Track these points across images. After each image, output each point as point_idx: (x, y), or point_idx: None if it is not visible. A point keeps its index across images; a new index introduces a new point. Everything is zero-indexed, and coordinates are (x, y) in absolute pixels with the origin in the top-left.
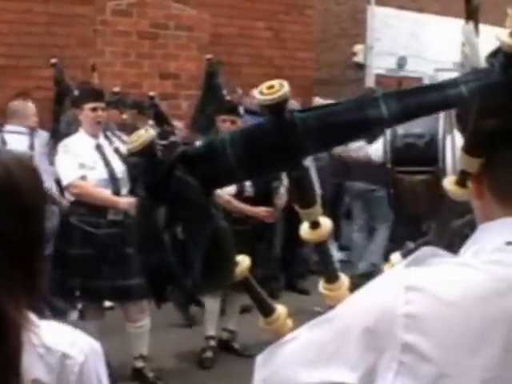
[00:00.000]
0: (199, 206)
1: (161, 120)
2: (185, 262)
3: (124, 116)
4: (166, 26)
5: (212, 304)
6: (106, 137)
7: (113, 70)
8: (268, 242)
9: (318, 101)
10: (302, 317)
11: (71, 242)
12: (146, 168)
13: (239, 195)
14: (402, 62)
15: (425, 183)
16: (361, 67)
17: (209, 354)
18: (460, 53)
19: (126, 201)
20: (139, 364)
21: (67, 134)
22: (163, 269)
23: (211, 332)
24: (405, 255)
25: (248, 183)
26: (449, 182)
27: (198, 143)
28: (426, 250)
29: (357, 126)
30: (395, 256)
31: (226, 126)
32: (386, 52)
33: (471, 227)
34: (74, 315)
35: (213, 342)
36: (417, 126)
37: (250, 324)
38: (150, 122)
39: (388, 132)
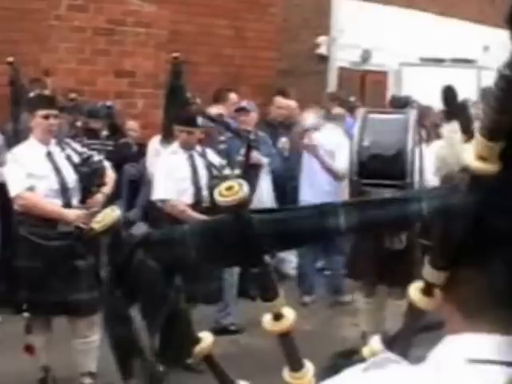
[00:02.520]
0: (157, 290)
1: (115, 130)
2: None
3: (78, 123)
4: (123, 23)
5: None
6: (59, 143)
7: (67, 67)
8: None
9: (279, 101)
10: (258, 328)
11: (19, 254)
12: (111, 247)
13: (196, 205)
14: (366, 56)
15: None
16: (324, 59)
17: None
18: (435, 157)
19: (75, 213)
20: (87, 381)
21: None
22: (128, 343)
23: None
24: (385, 340)
25: (205, 193)
26: (414, 290)
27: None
28: (386, 355)
29: (313, 233)
30: (375, 341)
31: (183, 136)
32: (350, 44)
33: None
34: None
35: None
36: (384, 137)
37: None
38: (104, 132)
39: (354, 143)
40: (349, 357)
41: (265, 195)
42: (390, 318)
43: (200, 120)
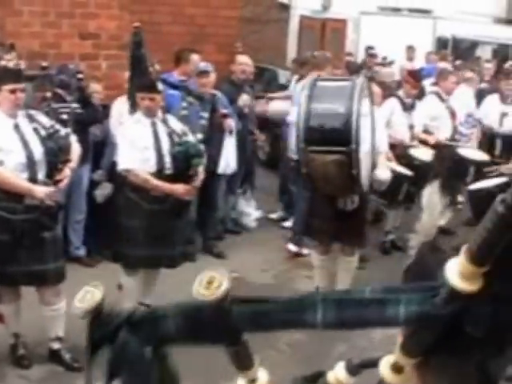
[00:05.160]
0: (140, 367)
1: (84, 101)
2: None
3: (48, 94)
4: None
5: (131, 282)
6: (27, 115)
7: (31, 31)
8: (186, 220)
9: (242, 59)
10: None
11: None
12: (93, 327)
13: (159, 173)
14: (326, 4)
15: (337, 163)
16: (285, 7)
17: None
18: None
19: (42, 190)
20: (55, 346)
21: None
22: None
23: None
24: (348, 367)
25: (168, 160)
26: (384, 365)
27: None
28: None
29: (290, 325)
30: (340, 368)
31: (145, 103)
32: None
33: None
34: None
35: None
36: (330, 105)
37: (167, 298)
38: (74, 105)
39: (301, 110)
40: (314, 381)
41: (230, 158)
42: (342, 272)
43: (160, 86)
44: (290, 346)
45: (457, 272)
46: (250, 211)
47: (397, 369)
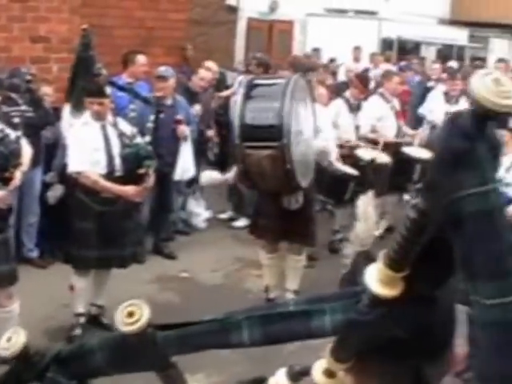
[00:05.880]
0: None
1: (35, 104)
2: None
3: None
4: None
5: (81, 282)
6: None
7: None
8: (137, 222)
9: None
10: (168, 283)
11: None
12: (20, 369)
13: (110, 175)
14: (273, 6)
15: (270, 158)
16: (233, 10)
17: (77, 331)
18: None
19: None
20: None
21: None
22: None
23: (80, 309)
24: (290, 374)
25: (118, 162)
26: (317, 370)
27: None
28: None
29: (217, 346)
30: (281, 374)
31: (94, 108)
32: None
33: None
34: None
35: (82, 320)
36: (264, 103)
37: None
38: (25, 108)
39: (237, 108)
40: None
41: (187, 163)
42: (291, 271)
43: (108, 89)
44: None
45: (376, 278)
46: (200, 211)
47: (329, 374)
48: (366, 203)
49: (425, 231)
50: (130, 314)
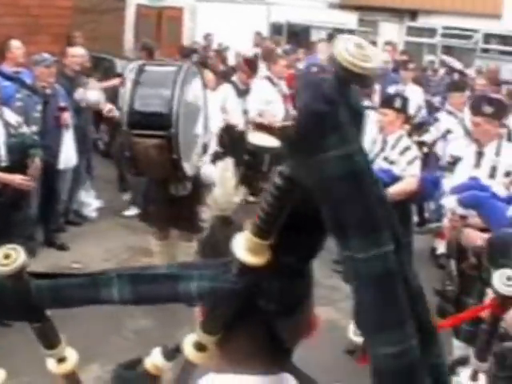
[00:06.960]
0: None
1: None
2: None
3: None
4: None
5: None
6: None
7: None
8: (26, 215)
9: (74, 51)
10: None
11: None
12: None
13: None
14: None
15: (157, 147)
16: None
17: None
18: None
19: None
20: None
21: None
22: None
23: None
24: (164, 353)
25: (3, 152)
26: (188, 344)
27: None
28: None
29: (88, 301)
30: (156, 354)
31: None
32: None
33: None
34: None
35: None
36: (154, 90)
37: None
38: None
39: (126, 94)
40: (133, 367)
41: (70, 152)
42: (182, 257)
43: None
44: (135, 333)
45: (243, 246)
46: (90, 201)
47: (200, 347)
48: (223, 169)
49: (290, 197)
50: (6, 257)
